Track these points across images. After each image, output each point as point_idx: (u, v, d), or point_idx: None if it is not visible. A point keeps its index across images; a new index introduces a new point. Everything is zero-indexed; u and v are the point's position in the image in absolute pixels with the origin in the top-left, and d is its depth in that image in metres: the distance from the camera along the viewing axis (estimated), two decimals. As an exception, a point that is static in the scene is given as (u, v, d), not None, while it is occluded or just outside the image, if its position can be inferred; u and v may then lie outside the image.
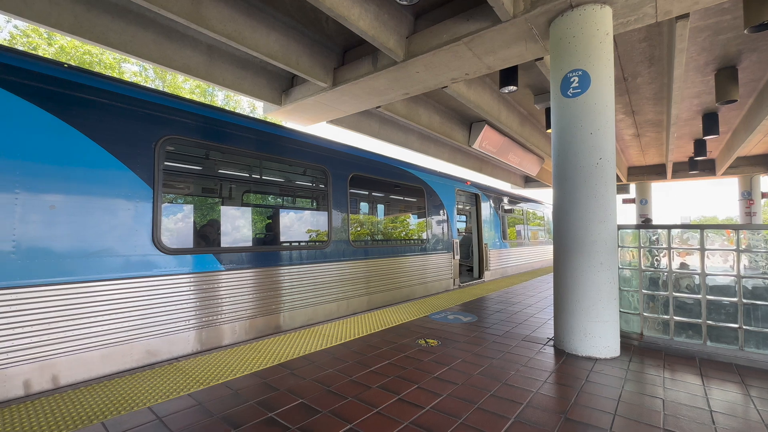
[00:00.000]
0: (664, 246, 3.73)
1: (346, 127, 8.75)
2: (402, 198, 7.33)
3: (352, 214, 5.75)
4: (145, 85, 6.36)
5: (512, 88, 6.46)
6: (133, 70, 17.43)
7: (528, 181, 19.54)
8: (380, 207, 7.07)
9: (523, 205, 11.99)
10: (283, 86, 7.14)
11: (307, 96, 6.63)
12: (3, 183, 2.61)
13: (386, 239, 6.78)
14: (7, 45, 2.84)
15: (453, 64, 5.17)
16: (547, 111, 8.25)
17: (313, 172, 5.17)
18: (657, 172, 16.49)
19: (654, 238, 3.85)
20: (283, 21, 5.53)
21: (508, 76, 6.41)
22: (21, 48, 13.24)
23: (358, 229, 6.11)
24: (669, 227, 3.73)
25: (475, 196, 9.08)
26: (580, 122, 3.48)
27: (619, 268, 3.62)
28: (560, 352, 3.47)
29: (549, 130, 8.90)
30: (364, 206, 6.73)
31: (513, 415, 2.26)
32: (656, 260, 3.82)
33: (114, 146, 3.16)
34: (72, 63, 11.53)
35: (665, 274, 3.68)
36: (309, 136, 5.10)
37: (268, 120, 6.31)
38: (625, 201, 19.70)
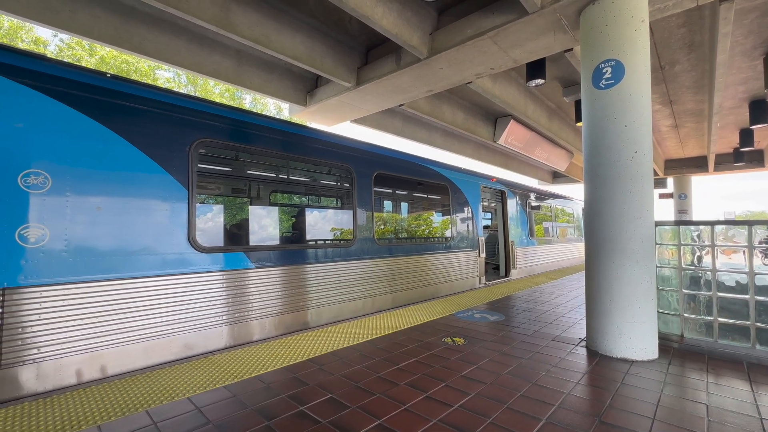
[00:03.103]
0: (707, 243, 3.52)
1: (369, 125, 8.80)
2: (426, 196, 7.30)
3: (377, 213, 5.78)
4: (178, 90, 6.65)
5: (540, 81, 6.27)
6: (166, 76, 18.25)
7: (556, 176, 18.92)
8: (404, 205, 7.07)
9: (551, 202, 11.63)
10: (307, 87, 7.26)
11: (331, 96, 6.72)
12: (56, 187, 2.81)
13: (410, 237, 6.78)
14: (55, 58, 3.07)
15: (478, 59, 5.09)
16: (577, 104, 7.95)
17: (338, 171, 5.24)
18: (697, 164, 15.52)
19: (696, 234, 3.64)
20: (307, 23, 5.63)
21: (535, 69, 6.23)
22: (66, 60, 14.16)
23: (383, 227, 6.14)
24: (712, 223, 3.52)
25: (501, 192, 8.90)
26: (613, 114, 3.34)
27: (656, 267, 3.46)
28: (593, 353, 3.36)
29: (579, 124, 8.58)
30: (388, 204, 6.75)
31: (544, 417, 2.22)
32: (698, 258, 3.61)
33: (152, 150, 3.34)
34: (112, 72, 12.22)
35: (708, 272, 3.48)
36: (333, 135, 5.17)
37: (293, 121, 6.45)
38: (662, 196, 18.66)
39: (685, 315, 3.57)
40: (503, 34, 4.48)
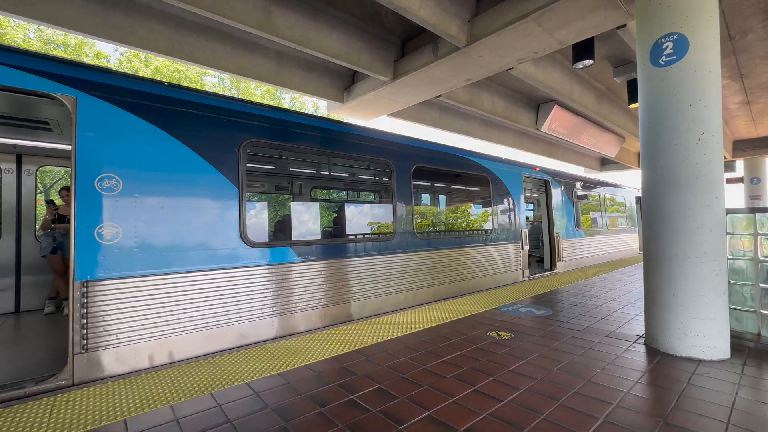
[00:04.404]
0: (790, 232, 3.15)
1: (406, 118, 8.76)
2: (466, 187, 7.16)
3: (416, 206, 5.77)
4: (225, 94, 7.00)
5: (588, 62, 5.90)
6: (212, 81, 19.27)
7: (605, 163, 17.75)
8: (444, 197, 6.98)
9: (600, 190, 10.93)
10: (344, 84, 7.36)
11: (368, 91, 6.76)
12: (126, 189, 3.09)
13: (450, 230, 6.69)
14: (117, 69, 3.38)
15: (520, 44, 4.88)
16: (631, 84, 7.38)
17: (377, 165, 5.27)
18: (773, 144, 13.86)
19: (775, 223, 3.27)
20: (344, 19, 5.68)
21: (583, 49, 5.85)
22: (127, 71, 15.41)
23: (423, 220, 6.11)
24: (797, 210, 3.14)
25: (545, 182, 8.51)
26: (675, 93, 3.07)
27: (728, 259, 3.15)
28: (653, 351, 3.14)
29: (633, 106, 7.97)
30: (427, 197, 6.70)
31: (602, 415, 2.12)
32: (778, 249, 3.25)
33: (206, 152, 3.56)
34: (167, 80, 13.11)
35: (791, 265, 3.12)
36: (371, 130, 5.21)
37: (332, 117, 6.57)
38: (729, 181, 16.88)
39: (763, 312, 3.23)
40: (548, 15, 4.25)
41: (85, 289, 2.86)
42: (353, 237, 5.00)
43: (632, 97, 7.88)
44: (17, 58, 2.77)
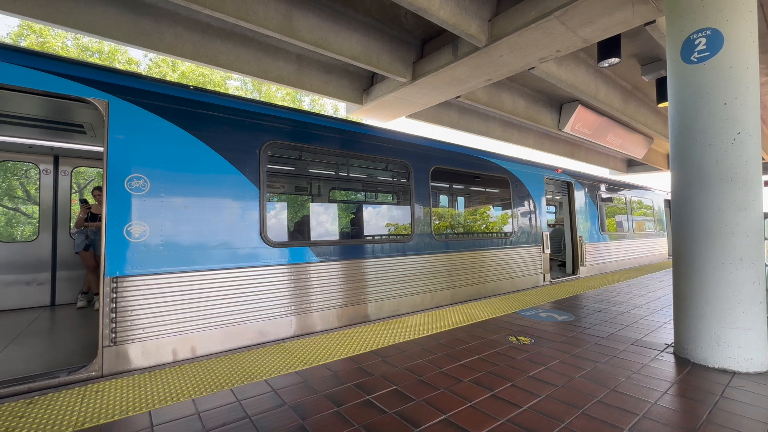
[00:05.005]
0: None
1: (425, 120, 8.73)
2: (485, 189, 7.06)
3: (435, 208, 5.73)
4: (247, 97, 7.18)
5: (614, 60, 5.71)
6: (235, 85, 19.79)
7: (631, 165, 17.14)
8: (462, 199, 6.91)
9: (626, 193, 10.55)
10: (363, 86, 7.40)
11: (387, 93, 6.78)
12: (153, 189, 3.21)
13: (469, 232, 6.61)
14: (146, 74, 3.53)
15: (542, 42, 4.78)
16: (660, 82, 7.10)
17: (395, 167, 5.27)
18: (818, 145, 13.00)
19: (820, 228, 3.07)
20: (363, 22, 5.72)
21: (609, 47, 5.68)
22: (155, 76, 16.06)
23: (441, 222, 6.07)
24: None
25: (567, 184, 8.29)
26: (708, 91, 2.93)
27: (766, 266, 2.98)
28: (683, 361, 3.00)
29: (662, 105, 7.66)
30: (446, 199, 6.65)
31: (627, 426, 2.04)
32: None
33: (228, 153, 3.65)
34: (192, 84, 13.57)
35: (838, 273, 2.91)
36: (390, 131, 5.21)
37: (350, 119, 6.62)
38: (766, 183, 15.94)
39: (805, 323, 3.03)
40: (572, 13, 4.15)
41: (115, 285, 2.98)
42: (371, 238, 5.01)
43: (661, 95, 7.58)
44: (56, 65, 2.93)
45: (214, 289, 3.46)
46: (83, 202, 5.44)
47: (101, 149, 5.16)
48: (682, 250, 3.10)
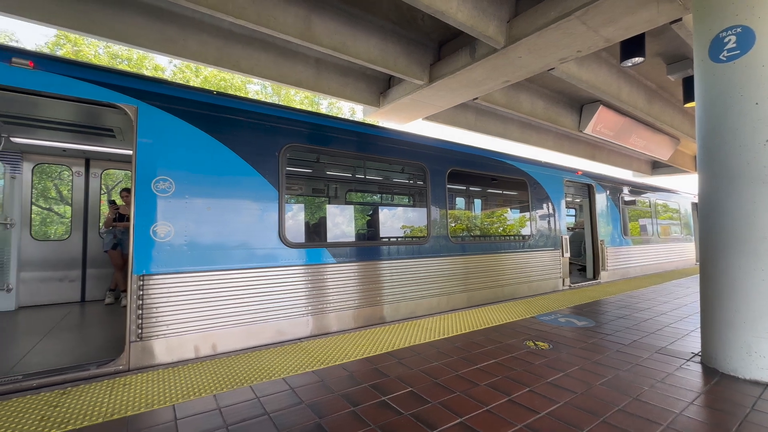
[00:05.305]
0: None
1: (442, 122, 8.70)
2: (502, 192, 6.98)
3: (451, 210, 5.70)
4: (267, 101, 7.35)
5: (638, 60, 5.56)
6: (255, 89, 20.25)
7: (656, 166, 16.57)
8: (479, 202, 6.85)
9: (650, 196, 10.21)
10: (380, 88, 7.45)
11: (403, 95, 6.80)
12: (178, 191, 3.33)
13: (486, 235, 6.55)
14: (171, 80, 3.70)
15: (562, 42, 4.71)
16: (687, 81, 6.86)
17: (412, 169, 5.28)
18: None
19: None
20: (380, 25, 5.78)
21: (632, 46, 5.53)
22: (179, 81, 16.61)
23: (457, 224, 6.03)
24: None
25: (588, 186, 8.09)
26: (739, 91, 2.82)
27: (802, 273, 2.83)
28: (711, 371, 2.89)
29: (689, 104, 7.40)
30: (463, 201, 6.61)
31: (650, 436, 1.98)
32: None
33: (249, 156, 3.75)
34: (214, 89, 13.96)
35: None
36: (406, 134, 5.23)
37: (367, 122, 6.67)
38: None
39: None
40: (593, 12, 4.07)
41: (141, 282, 3.11)
42: (387, 240, 5.04)
43: (688, 95, 7.32)
44: (90, 72, 3.09)
45: (235, 288, 3.55)
46: (111, 202, 5.68)
47: (129, 152, 5.39)
48: (710, 255, 2.99)
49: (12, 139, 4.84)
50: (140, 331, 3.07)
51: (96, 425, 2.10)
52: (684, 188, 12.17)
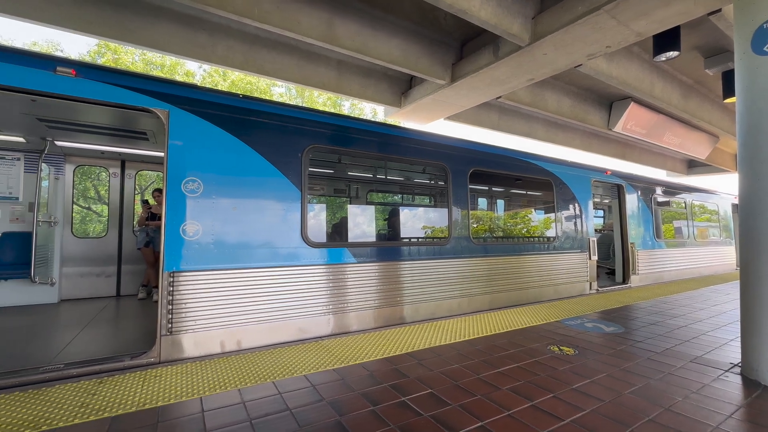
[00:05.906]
0: None
1: (464, 121, 8.60)
2: (526, 192, 6.82)
3: (473, 211, 5.63)
4: (290, 103, 7.50)
5: (672, 54, 5.30)
6: (279, 92, 20.71)
7: (692, 165, 15.72)
8: (502, 202, 6.73)
9: (686, 197, 9.69)
10: (402, 89, 7.45)
11: (425, 95, 6.77)
12: (206, 191, 3.46)
13: (509, 236, 6.42)
14: (201, 85, 3.84)
15: (591, 38, 4.55)
16: (726, 75, 6.48)
17: (433, 169, 5.25)
18: None
19: None
20: (402, 26, 5.78)
21: (666, 40, 5.27)
22: (208, 85, 17.22)
23: (479, 225, 5.95)
24: None
25: (618, 187, 7.78)
26: (785, 85, 2.64)
27: None
28: (752, 384, 2.72)
29: (730, 100, 6.98)
30: (485, 202, 6.51)
31: (683, 449, 1.89)
32: None
33: (273, 157, 3.84)
34: (240, 92, 14.38)
35: None
36: (428, 134, 5.20)
37: (388, 122, 6.69)
38: None
39: None
40: (624, 6, 3.92)
41: (172, 279, 3.25)
42: (407, 240, 5.03)
43: (728, 90, 6.89)
44: (126, 79, 3.26)
45: (258, 286, 3.64)
46: (145, 202, 5.96)
47: (161, 154, 5.64)
48: (752, 260, 2.81)
49: (56, 142, 5.17)
50: (170, 325, 3.21)
51: (130, 413, 2.21)
52: (723, 188, 11.49)
